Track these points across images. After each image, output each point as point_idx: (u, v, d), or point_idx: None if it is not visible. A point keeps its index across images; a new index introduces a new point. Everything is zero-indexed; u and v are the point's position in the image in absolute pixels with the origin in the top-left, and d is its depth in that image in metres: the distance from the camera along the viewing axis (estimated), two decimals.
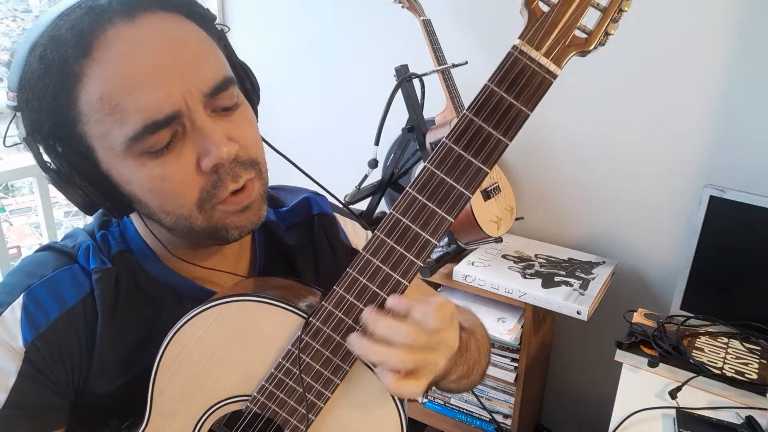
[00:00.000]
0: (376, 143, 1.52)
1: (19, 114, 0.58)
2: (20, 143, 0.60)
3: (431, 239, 0.56)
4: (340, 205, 0.82)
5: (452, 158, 0.55)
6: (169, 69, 0.55)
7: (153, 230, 0.67)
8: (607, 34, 0.54)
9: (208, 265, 0.70)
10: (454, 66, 1.51)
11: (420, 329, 0.55)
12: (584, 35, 0.54)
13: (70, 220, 1.84)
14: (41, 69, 0.55)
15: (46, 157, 0.60)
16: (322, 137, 2.04)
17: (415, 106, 1.51)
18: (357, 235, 0.84)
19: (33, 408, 0.61)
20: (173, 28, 0.58)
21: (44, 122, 0.57)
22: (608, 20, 0.54)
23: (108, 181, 0.60)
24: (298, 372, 0.60)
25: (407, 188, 0.56)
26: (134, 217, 0.68)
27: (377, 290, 0.57)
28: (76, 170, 0.59)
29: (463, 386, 0.74)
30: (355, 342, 0.57)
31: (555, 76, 0.54)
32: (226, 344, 0.62)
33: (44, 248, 0.68)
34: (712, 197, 1.30)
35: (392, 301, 0.57)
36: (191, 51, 0.58)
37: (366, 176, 1.58)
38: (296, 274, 0.76)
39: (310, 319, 0.60)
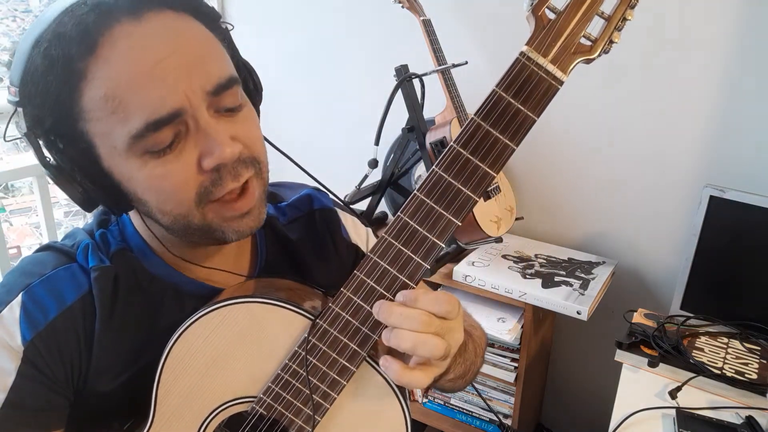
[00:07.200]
0: (376, 143, 1.52)
1: (20, 109, 0.57)
2: (20, 139, 0.59)
3: (438, 242, 0.56)
4: (340, 203, 0.82)
5: (460, 162, 0.56)
6: (173, 67, 0.55)
7: (152, 229, 0.66)
8: (611, 42, 0.55)
9: (208, 263, 0.70)
10: (454, 66, 1.51)
11: (431, 316, 0.55)
12: (589, 43, 0.55)
13: (70, 220, 1.84)
14: (45, 65, 0.54)
15: (46, 153, 0.59)
16: (322, 137, 2.04)
17: (415, 106, 1.51)
18: (357, 231, 0.84)
19: (32, 408, 0.61)
20: (179, 27, 0.57)
21: (46, 118, 0.56)
22: (612, 29, 0.55)
23: (109, 179, 0.59)
24: (304, 373, 0.61)
25: (415, 191, 0.57)
26: (133, 215, 0.68)
27: (384, 292, 0.58)
28: (77, 167, 0.58)
29: (457, 386, 0.76)
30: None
31: (561, 83, 0.55)
32: (232, 346, 0.62)
33: (44, 248, 0.68)
34: (712, 197, 1.31)
35: (401, 294, 0.57)
36: (196, 49, 0.57)
37: (366, 176, 1.58)
38: (300, 268, 0.76)
39: (317, 320, 0.60)
